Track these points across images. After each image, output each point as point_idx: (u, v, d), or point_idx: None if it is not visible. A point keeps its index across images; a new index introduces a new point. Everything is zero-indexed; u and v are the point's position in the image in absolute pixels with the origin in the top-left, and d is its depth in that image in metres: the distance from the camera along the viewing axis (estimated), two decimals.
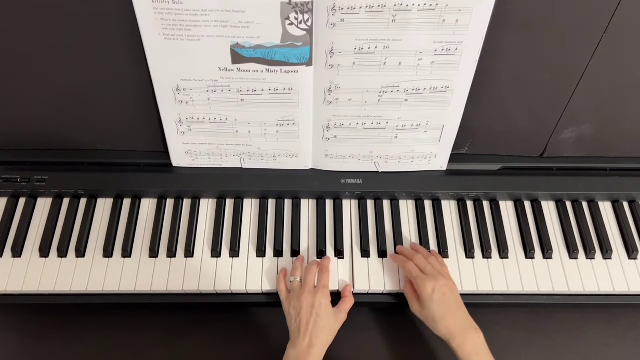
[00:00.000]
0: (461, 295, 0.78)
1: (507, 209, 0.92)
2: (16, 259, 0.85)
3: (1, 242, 0.86)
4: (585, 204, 0.93)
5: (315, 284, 0.79)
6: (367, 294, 0.84)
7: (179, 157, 0.90)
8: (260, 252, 0.86)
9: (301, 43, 0.72)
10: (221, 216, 0.89)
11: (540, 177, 0.92)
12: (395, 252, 0.86)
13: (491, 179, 0.92)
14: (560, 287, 0.84)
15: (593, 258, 0.87)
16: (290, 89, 0.79)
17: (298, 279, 0.80)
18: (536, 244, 0.88)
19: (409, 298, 0.80)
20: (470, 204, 0.92)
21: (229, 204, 0.91)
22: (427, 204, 0.92)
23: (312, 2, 0.68)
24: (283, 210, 0.90)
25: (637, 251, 0.88)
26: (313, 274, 0.80)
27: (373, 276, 0.84)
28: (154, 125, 0.86)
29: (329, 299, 0.78)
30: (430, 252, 0.85)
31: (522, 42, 0.75)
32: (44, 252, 0.85)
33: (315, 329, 0.74)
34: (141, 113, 0.84)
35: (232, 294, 0.84)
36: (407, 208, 0.91)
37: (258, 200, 0.92)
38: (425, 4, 0.68)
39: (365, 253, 0.86)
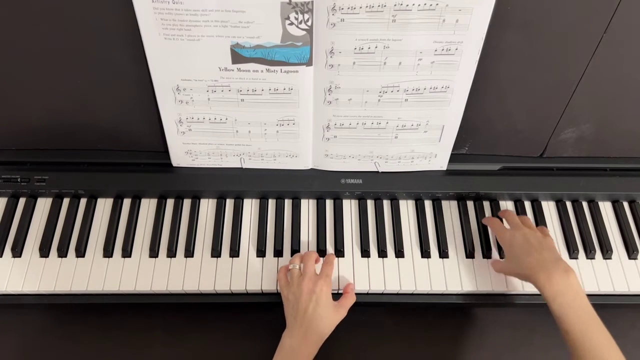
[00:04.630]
0: (460, 295, 0.78)
1: (507, 209, 0.92)
2: (16, 259, 0.85)
3: (1, 242, 0.86)
4: (585, 204, 0.93)
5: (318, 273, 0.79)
6: (367, 294, 0.84)
7: (179, 157, 0.90)
8: (260, 252, 0.86)
9: (301, 43, 0.72)
10: (221, 216, 0.89)
11: (540, 177, 0.92)
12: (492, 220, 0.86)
13: (491, 179, 0.92)
14: None
15: (593, 258, 0.87)
16: (290, 89, 0.79)
17: (297, 266, 0.78)
18: None
19: (500, 268, 0.78)
20: (470, 204, 0.92)
21: (229, 204, 0.91)
22: (427, 204, 0.92)
23: (312, 2, 0.68)
24: (283, 210, 0.90)
25: (637, 251, 0.88)
26: (312, 261, 0.79)
27: (373, 276, 0.84)
28: (154, 125, 0.86)
29: (331, 287, 0.76)
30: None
31: (522, 42, 0.75)
32: (44, 252, 0.85)
33: (314, 316, 0.72)
34: (141, 113, 0.84)
35: (232, 294, 0.84)
36: (407, 208, 0.91)
37: (258, 200, 0.92)
38: (425, 4, 0.68)
39: (365, 253, 0.86)
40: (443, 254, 0.86)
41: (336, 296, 0.80)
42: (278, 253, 0.86)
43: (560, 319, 0.65)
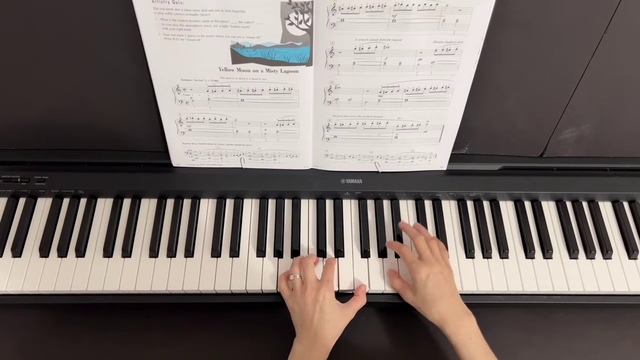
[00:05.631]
0: (461, 295, 0.78)
1: (507, 209, 0.92)
2: (16, 259, 0.85)
3: (1, 242, 0.86)
4: (585, 204, 0.93)
5: (319, 278, 0.79)
6: (367, 294, 0.84)
7: (179, 157, 0.90)
8: (260, 252, 0.86)
9: (301, 43, 0.72)
10: (221, 216, 0.89)
11: (540, 177, 0.92)
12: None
13: (491, 179, 0.92)
14: (560, 287, 0.84)
15: (593, 258, 0.87)
16: (290, 89, 0.79)
17: (298, 275, 0.79)
18: (536, 244, 0.88)
19: (400, 289, 0.81)
20: (470, 204, 0.92)
21: (229, 204, 0.91)
22: (427, 204, 0.92)
23: (312, 2, 0.68)
24: (283, 210, 0.90)
25: (637, 251, 0.88)
26: (312, 268, 0.80)
27: (373, 276, 0.84)
28: (154, 125, 0.86)
29: (333, 293, 0.78)
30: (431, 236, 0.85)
31: (522, 42, 0.75)
32: (44, 252, 0.85)
33: (320, 323, 0.74)
34: (141, 113, 0.84)
35: (232, 294, 0.84)
36: (407, 208, 0.91)
37: (258, 200, 0.92)
38: (425, 4, 0.68)
39: (365, 253, 0.86)
40: None
41: (337, 296, 0.80)
42: (278, 253, 0.86)
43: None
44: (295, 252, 0.86)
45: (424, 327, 0.85)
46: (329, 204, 0.91)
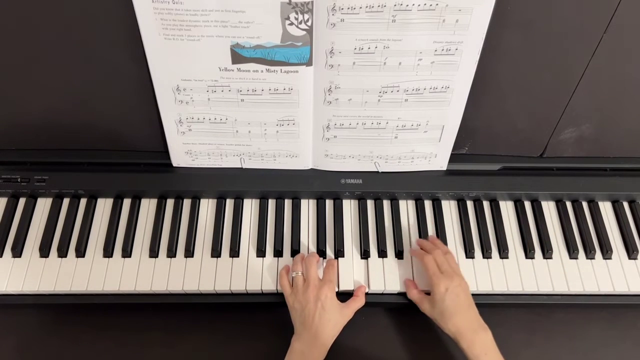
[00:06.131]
0: None
1: (507, 209, 0.92)
2: (16, 259, 0.85)
3: (1, 242, 0.86)
4: (585, 204, 0.93)
5: (320, 278, 0.79)
6: (367, 294, 0.84)
7: (179, 157, 0.90)
8: (260, 252, 0.86)
9: (301, 43, 0.72)
10: (221, 216, 0.89)
11: (540, 177, 0.92)
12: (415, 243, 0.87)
13: (491, 179, 0.92)
14: (560, 287, 0.84)
15: (593, 258, 0.87)
16: (290, 89, 0.79)
17: (300, 273, 0.80)
18: (536, 244, 0.88)
19: (418, 300, 0.80)
20: (470, 204, 0.92)
21: (229, 204, 0.91)
22: (427, 204, 0.92)
23: (312, 2, 0.68)
24: (283, 210, 0.90)
25: (637, 251, 0.88)
26: (315, 266, 0.80)
27: (373, 277, 0.84)
28: (154, 125, 0.86)
29: (334, 292, 0.78)
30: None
31: (522, 42, 0.75)
32: (44, 252, 0.85)
33: (321, 322, 0.74)
34: (141, 113, 0.84)
35: (232, 294, 0.84)
36: (407, 208, 0.91)
37: (258, 200, 0.92)
38: (425, 4, 0.68)
39: (365, 253, 0.86)
40: None
41: (336, 296, 0.80)
42: (278, 253, 0.86)
43: None
44: (295, 252, 0.86)
45: (424, 327, 0.85)
46: (329, 204, 0.91)
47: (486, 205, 0.92)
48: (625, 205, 0.93)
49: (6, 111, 0.85)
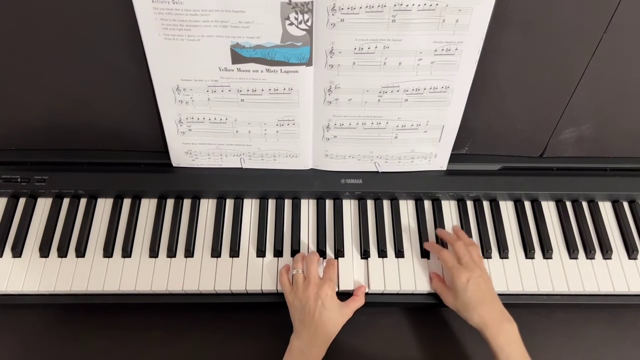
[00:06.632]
0: None
1: (507, 209, 0.92)
2: (16, 259, 0.85)
3: (1, 242, 0.86)
4: (585, 204, 0.93)
5: (321, 276, 0.79)
6: (367, 294, 0.84)
7: (179, 157, 0.90)
8: (260, 252, 0.86)
9: (301, 43, 0.72)
10: (221, 216, 0.89)
11: (540, 177, 0.92)
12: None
13: (491, 179, 0.92)
14: (560, 287, 0.84)
15: (593, 258, 0.87)
16: (290, 89, 0.79)
17: (300, 270, 0.80)
18: (536, 244, 0.88)
19: (441, 291, 0.80)
20: (470, 204, 0.92)
21: (229, 204, 0.91)
22: (427, 204, 0.92)
23: (312, 2, 0.68)
24: (283, 210, 0.90)
25: (637, 251, 0.88)
26: (316, 265, 0.80)
27: (373, 276, 0.84)
28: (154, 125, 0.86)
29: (335, 290, 0.78)
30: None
31: (522, 42, 0.75)
32: (44, 252, 0.85)
33: (321, 319, 0.74)
34: (141, 113, 0.84)
35: (232, 294, 0.84)
36: (407, 208, 0.91)
37: (258, 200, 0.92)
38: (425, 4, 0.68)
39: (365, 253, 0.86)
40: None
41: (337, 296, 0.80)
42: (278, 253, 0.86)
43: None
44: (295, 252, 0.86)
45: (425, 327, 0.85)
46: (329, 204, 0.91)
47: (486, 205, 0.92)
48: (625, 205, 0.93)
49: (6, 111, 0.85)
